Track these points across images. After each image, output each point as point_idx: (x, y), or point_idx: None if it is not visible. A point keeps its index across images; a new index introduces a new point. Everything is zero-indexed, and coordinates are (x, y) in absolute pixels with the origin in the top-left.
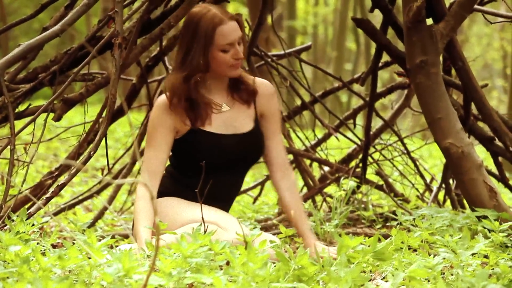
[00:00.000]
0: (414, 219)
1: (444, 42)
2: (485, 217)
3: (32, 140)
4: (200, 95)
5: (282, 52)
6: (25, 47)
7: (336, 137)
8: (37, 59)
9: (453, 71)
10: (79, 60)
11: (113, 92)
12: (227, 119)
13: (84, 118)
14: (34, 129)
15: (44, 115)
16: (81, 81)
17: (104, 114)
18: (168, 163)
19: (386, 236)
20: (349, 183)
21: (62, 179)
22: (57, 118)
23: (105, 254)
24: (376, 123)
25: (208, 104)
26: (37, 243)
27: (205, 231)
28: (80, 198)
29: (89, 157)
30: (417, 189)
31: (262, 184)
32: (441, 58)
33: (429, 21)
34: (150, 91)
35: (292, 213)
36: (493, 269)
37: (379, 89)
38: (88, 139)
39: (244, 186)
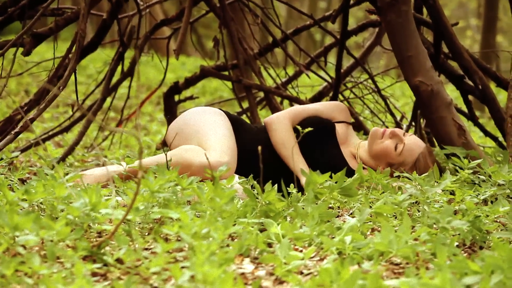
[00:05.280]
0: None
1: None
2: (454, 154)
3: (1, 74)
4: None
5: None
6: None
7: (307, 74)
8: None
9: (424, 9)
10: None
11: (82, 27)
12: None
13: (54, 53)
14: (2, 63)
15: (13, 49)
16: (50, 16)
17: (73, 50)
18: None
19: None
20: None
21: (31, 114)
22: (26, 53)
23: (69, 188)
24: (349, 61)
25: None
26: (5, 178)
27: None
28: (51, 133)
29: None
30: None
31: None
32: None
33: None
34: (121, 27)
35: None
36: (459, 205)
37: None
38: (57, 74)
39: None
